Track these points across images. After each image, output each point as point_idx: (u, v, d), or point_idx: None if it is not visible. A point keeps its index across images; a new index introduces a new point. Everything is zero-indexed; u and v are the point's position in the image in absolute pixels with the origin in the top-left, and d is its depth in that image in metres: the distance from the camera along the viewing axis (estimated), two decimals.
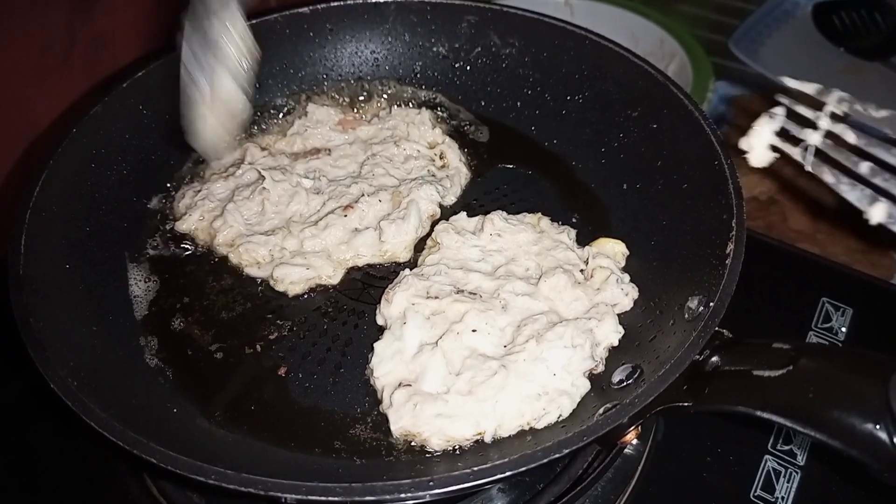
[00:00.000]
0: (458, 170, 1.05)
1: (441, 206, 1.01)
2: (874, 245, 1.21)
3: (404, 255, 0.95)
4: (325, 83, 1.17)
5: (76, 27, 1.14)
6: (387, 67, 1.18)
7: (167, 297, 0.92)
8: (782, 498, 0.88)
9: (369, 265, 0.95)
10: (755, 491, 0.89)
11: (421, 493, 0.60)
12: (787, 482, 0.89)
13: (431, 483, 0.60)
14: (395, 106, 1.13)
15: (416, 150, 1.06)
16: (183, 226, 0.98)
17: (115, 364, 0.79)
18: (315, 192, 1.00)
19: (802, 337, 1.02)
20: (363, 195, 0.98)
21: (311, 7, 1.11)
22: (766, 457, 0.93)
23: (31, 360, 0.69)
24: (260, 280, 0.93)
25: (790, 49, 1.65)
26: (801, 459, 0.92)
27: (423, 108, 1.12)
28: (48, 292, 0.79)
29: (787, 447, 0.93)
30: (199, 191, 1.01)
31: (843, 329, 1.03)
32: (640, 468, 0.91)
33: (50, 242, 0.84)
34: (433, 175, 1.03)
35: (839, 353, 0.64)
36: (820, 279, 1.09)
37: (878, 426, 0.56)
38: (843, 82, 1.51)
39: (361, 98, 1.16)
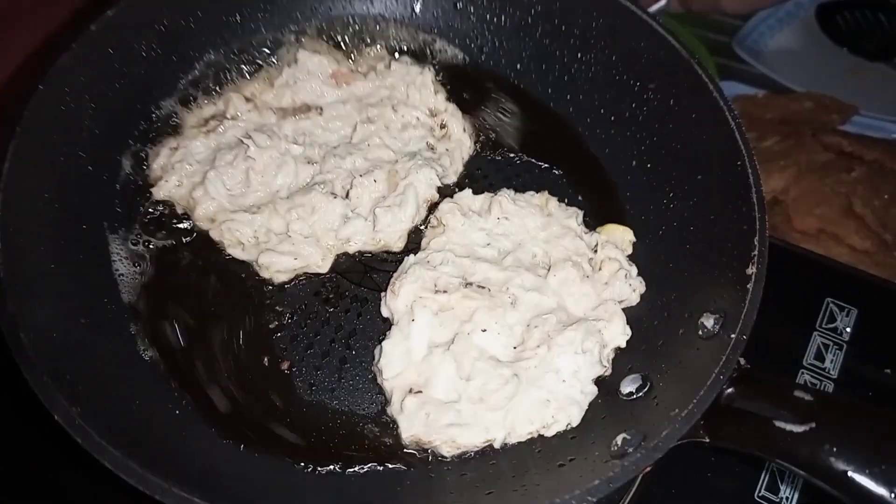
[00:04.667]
0: (460, 143, 1.00)
1: (441, 187, 0.96)
2: (879, 246, 1.23)
3: (398, 245, 0.93)
4: (316, 18, 1.06)
5: None
6: (382, 5, 1.07)
7: (154, 276, 0.88)
8: (786, 498, 0.93)
9: (360, 252, 0.92)
10: (759, 491, 0.94)
11: None
12: (792, 483, 0.94)
13: None
14: (395, 61, 1.04)
15: (416, 117, 0.99)
16: (160, 192, 0.92)
17: (110, 365, 0.77)
18: (305, 161, 0.94)
19: (807, 337, 1.05)
20: (357, 176, 0.92)
21: None
22: None
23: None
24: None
25: (794, 49, 1.67)
26: None
27: (426, 68, 1.03)
28: (30, 286, 0.74)
29: None
30: (176, 149, 0.94)
31: (848, 329, 1.07)
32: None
33: (27, 224, 0.78)
34: (432, 148, 0.98)
35: (864, 414, 0.66)
36: (824, 280, 1.12)
37: (892, 495, 0.59)
38: (847, 83, 1.56)
39: (356, 40, 1.07)
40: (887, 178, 1.32)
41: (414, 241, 0.92)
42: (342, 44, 1.07)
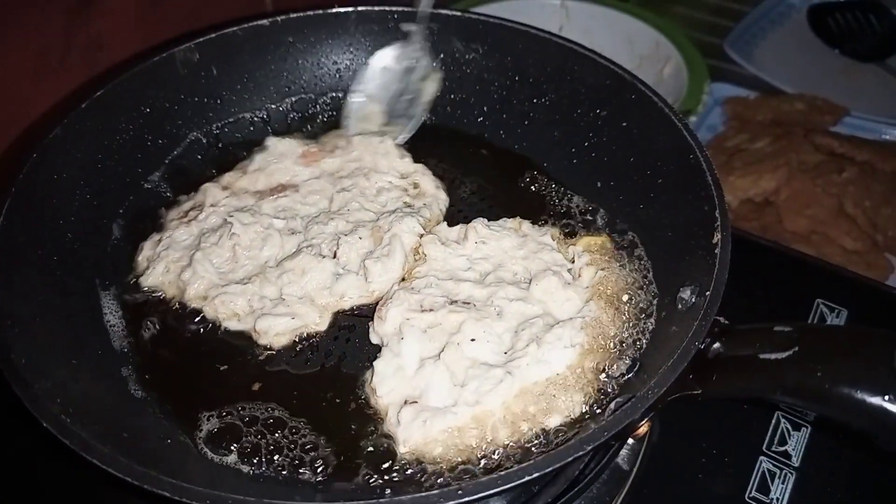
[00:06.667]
0: (435, 197, 1.06)
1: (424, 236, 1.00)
2: (870, 246, 1.25)
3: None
4: (292, 96, 1.17)
5: (73, 30, 1.18)
6: (349, 79, 1.18)
7: (144, 325, 0.90)
8: (777, 499, 0.93)
9: (357, 307, 0.93)
10: (750, 492, 0.94)
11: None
12: (782, 483, 0.94)
13: (460, 492, 0.60)
14: (355, 135, 1.11)
15: (388, 181, 1.06)
16: (147, 280, 0.94)
17: (101, 398, 0.79)
18: (290, 232, 0.98)
19: None
20: (342, 235, 0.96)
21: (270, 19, 1.10)
22: (761, 458, 0.97)
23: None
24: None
25: (785, 51, 1.71)
26: (795, 461, 0.97)
27: (385, 137, 1.11)
28: (25, 326, 0.77)
29: (781, 448, 0.98)
30: (160, 240, 0.98)
31: None
32: (635, 470, 0.94)
33: (20, 273, 0.82)
34: (409, 205, 1.03)
35: (842, 331, 0.68)
36: (815, 280, 1.14)
37: (886, 397, 0.59)
38: (839, 84, 1.60)
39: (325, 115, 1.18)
40: (878, 178, 1.34)
41: None
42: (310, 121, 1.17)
